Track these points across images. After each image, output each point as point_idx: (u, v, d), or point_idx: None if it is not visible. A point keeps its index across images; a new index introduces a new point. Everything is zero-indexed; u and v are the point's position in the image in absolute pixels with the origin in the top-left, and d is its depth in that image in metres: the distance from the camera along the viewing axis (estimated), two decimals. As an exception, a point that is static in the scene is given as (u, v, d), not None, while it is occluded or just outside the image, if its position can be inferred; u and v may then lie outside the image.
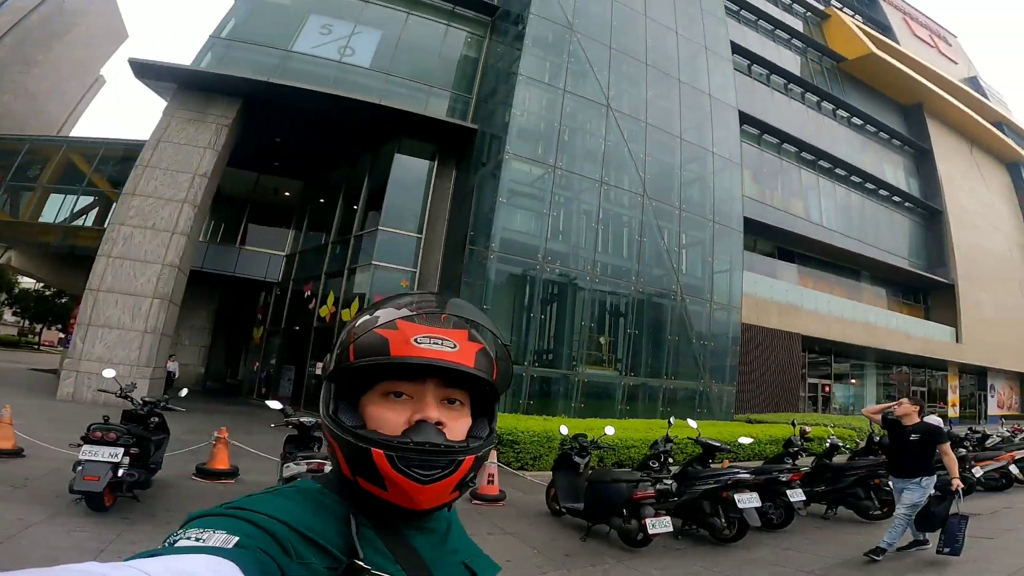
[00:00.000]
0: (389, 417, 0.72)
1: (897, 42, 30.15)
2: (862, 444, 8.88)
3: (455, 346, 0.73)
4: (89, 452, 4.52)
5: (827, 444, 7.71)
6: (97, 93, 49.80)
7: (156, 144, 12.93)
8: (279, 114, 14.75)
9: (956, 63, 35.63)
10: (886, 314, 24.94)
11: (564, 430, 7.03)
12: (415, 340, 0.72)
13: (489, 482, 6.70)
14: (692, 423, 6.90)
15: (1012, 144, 34.85)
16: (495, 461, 6.97)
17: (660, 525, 4.90)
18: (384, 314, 0.76)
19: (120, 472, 4.61)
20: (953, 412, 28.00)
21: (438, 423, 0.72)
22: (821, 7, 28.99)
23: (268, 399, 6.20)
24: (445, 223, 15.28)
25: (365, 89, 14.54)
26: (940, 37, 36.43)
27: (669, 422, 7.06)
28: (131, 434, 4.91)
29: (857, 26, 28.02)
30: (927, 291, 27.82)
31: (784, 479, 5.86)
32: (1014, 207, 34.93)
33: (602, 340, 14.72)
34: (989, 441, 10.56)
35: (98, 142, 18.60)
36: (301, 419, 5.38)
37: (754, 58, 23.36)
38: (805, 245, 22.66)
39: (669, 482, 5.68)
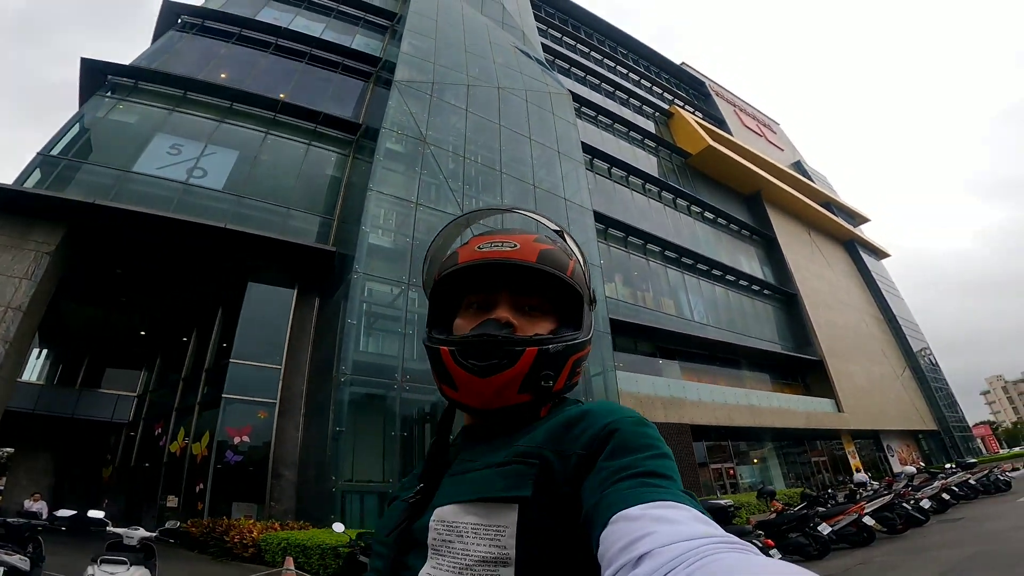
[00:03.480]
0: (462, 324, 0.76)
1: (731, 133, 34.56)
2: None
3: (515, 246, 0.75)
4: None
5: None
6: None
7: (-37, 274, 11.62)
8: (115, 241, 13.60)
9: (782, 149, 41.21)
10: (767, 395, 26.18)
11: (339, 528, 6.29)
12: (478, 247, 0.76)
13: None
14: None
15: (842, 223, 39.67)
16: (291, 568, 6.22)
17: None
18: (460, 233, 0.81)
19: None
20: (860, 476, 28.66)
21: (507, 324, 0.72)
22: (665, 106, 33.03)
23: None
24: (309, 351, 14.80)
25: (216, 213, 13.85)
26: (766, 126, 42.26)
27: None
28: None
29: (696, 121, 31.93)
30: (803, 370, 29.71)
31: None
32: (859, 282, 39.27)
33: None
34: (858, 496, 10.11)
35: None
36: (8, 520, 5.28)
37: (613, 161, 25.64)
38: (682, 341, 23.73)
39: None
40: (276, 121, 16.87)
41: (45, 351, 18.68)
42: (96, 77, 15.76)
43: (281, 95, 17.43)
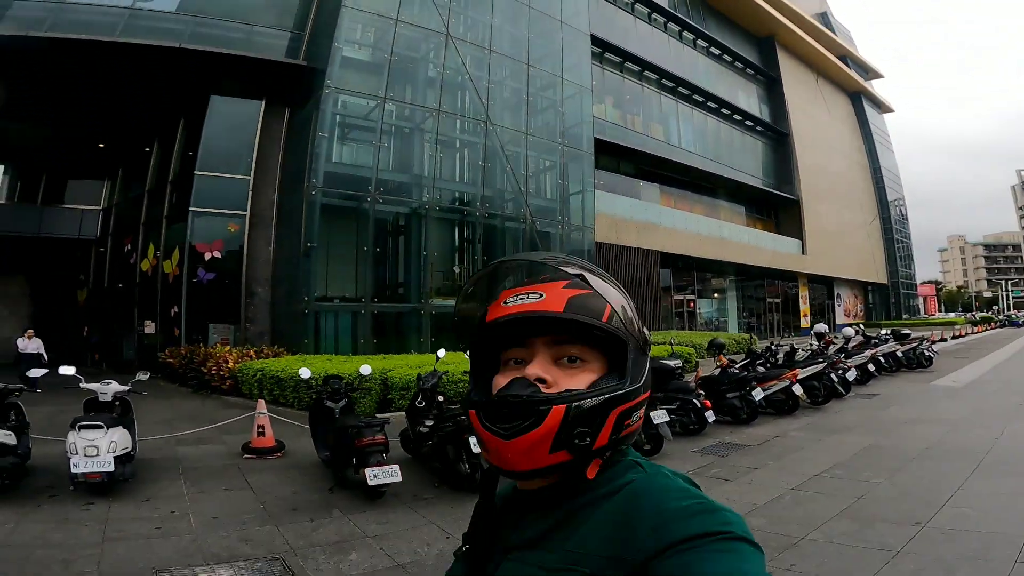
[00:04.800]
0: (500, 382, 0.70)
1: None
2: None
3: (541, 296, 0.69)
4: None
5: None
6: None
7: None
8: (58, 67, 12.83)
9: None
10: (739, 229, 26.98)
11: (305, 373, 6.21)
12: (504, 302, 0.71)
13: (260, 434, 6.25)
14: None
15: (855, 76, 38.02)
16: (263, 411, 6.42)
17: (383, 475, 4.48)
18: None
19: None
20: (804, 322, 31.10)
21: (539, 379, 0.67)
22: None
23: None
24: (279, 163, 14.16)
25: (170, 35, 12.91)
26: None
27: (438, 355, 6.71)
28: None
29: None
30: (778, 207, 30.26)
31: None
32: (855, 131, 38.45)
33: (456, 269, 14.61)
34: (798, 356, 9.70)
35: None
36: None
37: None
38: (666, 166, 23.61)
39: (430, 423, 5.42)
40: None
41: (1, 168, 17.61)
42: None
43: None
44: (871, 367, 11.01)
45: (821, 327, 12.16)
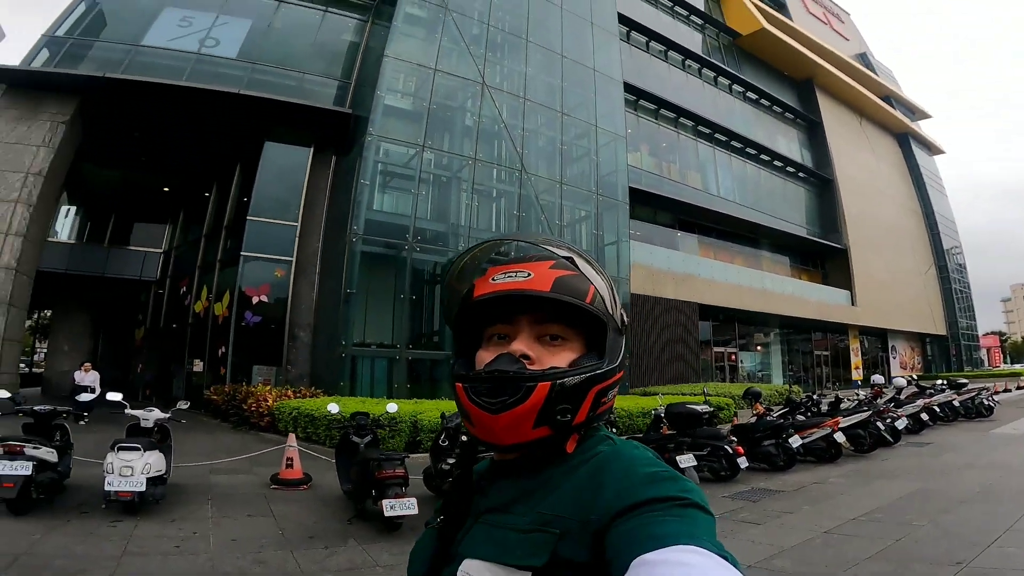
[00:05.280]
0: (483, 356, 0.73)
1: (791, 18, 31.43)
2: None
3: (529, 275, 0.72)
4: None
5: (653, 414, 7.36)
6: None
7: (-17, 145, 12.25)
8: (131, 109, 14.11)
9: (848, 39, 37.55)
10: (781, 280, 26.08)
11: (334, 408, 6.44)
12: (492, 278, 0.73)
13: (288, 466, 6.41)
14: None
15: (900, 116, 37.15)
16: (293, 444, 6.62)
17: (400, 507, 4.59)
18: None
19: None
20: (856, 375, 29.52)
21: (524, 356, 0.70)
22: (718, -21, 29.71)
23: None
24: (324, 210, 14.92)
25: (230, 80, 14.10)
26: (834, 15, 38.26)
27: None
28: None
29: (752, 2, 28.98)
30: (824, 257, 29.24)
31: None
32: (904, 174, 37.28)
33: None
34: (844, 405, 9.38)
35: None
36: (34, 408, 5.28)
37: (651, 34, 23.82)
38: (704, 216, 23.34)
39: (452, 461, 5.51)
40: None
41: (73, 209, 19.19)
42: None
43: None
44: (924, 416, 10.46)
45: (878, 378, 11.84)
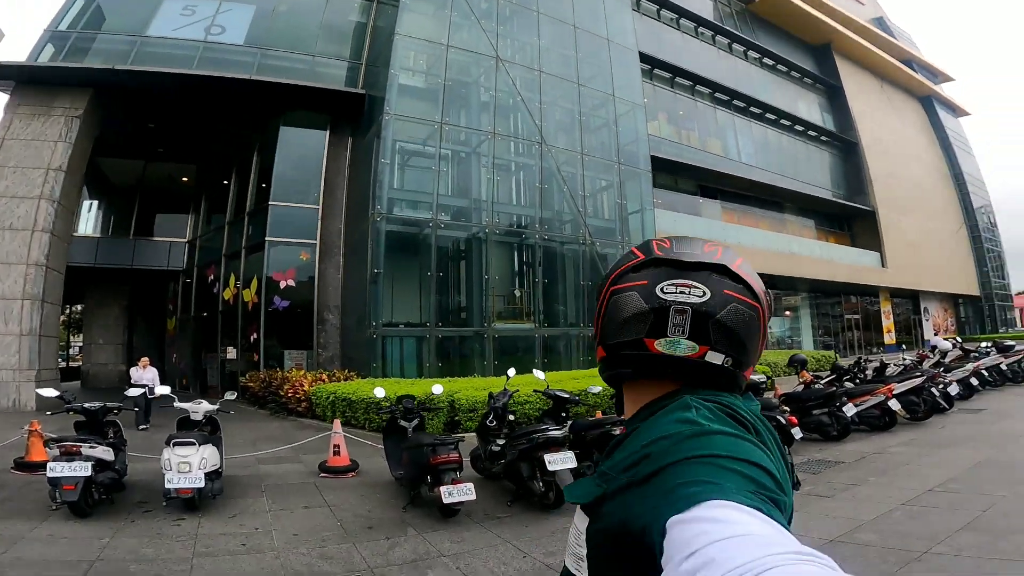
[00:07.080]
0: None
1: None
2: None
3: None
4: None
5: None
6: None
7: (0, 143, 12.18)
8: (143, 100, 14.06)
9: (863, 4, 36.09)
10: (809, 243, 25.58)
11: (380, 393, 6.32)
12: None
13: (336, 453, 6.34)
14: (539, 374, 6.35)
15: (922, 79, 35.80)
16: (339, 431, 6.51)
17: (458, 493, 4.45)
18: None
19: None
20: (888, 339, 29.03)
21: None
22: (730, -52, 28.71)
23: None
24: (344, 192, 14.80)
25: (240, 66, 13.92)
26: None
27: (508, 375, 6.58)
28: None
29: None
30: (851, 219, 28.57)
31: (617, 432, 5.63)
32: (931, 136, 36.04)
33: (517, 293, 14.61)
34: (889, 371, 9.30)
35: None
36: (85, 405, 5.20)
37: (662, 2, 23.12)
38: (726, 182, 22.88)
39: (502, 442, 5.38)
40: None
41: (96, 203, 19.25)
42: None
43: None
44: (974, 381, 10.04)
45: (939, 340, 11.56)
